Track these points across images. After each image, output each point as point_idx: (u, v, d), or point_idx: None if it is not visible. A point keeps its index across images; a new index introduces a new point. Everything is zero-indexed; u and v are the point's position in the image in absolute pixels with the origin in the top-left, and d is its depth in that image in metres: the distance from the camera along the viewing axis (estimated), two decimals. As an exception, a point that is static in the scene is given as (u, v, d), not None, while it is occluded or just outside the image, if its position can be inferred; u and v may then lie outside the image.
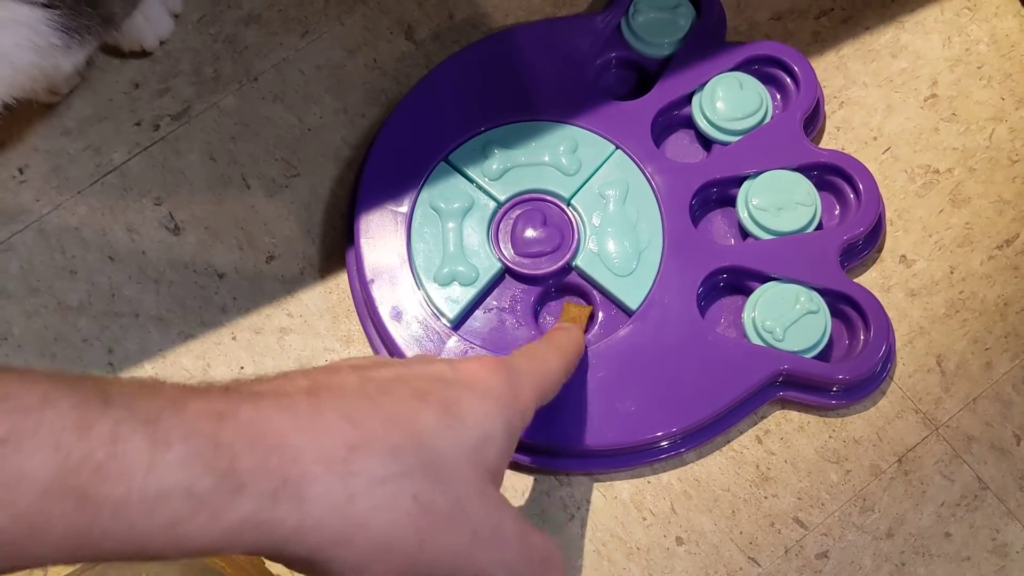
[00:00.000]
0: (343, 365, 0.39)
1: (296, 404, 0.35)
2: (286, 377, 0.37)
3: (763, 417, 0.57)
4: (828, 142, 0.62)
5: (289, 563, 0.34)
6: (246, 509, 0.32)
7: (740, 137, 0.59)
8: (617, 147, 0.59)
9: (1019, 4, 0.64)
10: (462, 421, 0.37)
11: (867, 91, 0.63)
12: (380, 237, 0.58)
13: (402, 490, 0.35)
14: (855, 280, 0.58)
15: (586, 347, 0.55)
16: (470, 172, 0.59)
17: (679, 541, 0.54)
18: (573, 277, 0.58)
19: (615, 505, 0.55)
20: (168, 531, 0.31)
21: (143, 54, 0.65)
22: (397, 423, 0.36)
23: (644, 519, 0.55)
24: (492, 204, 0.58)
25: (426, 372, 0.39)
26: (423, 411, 0.37)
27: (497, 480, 0.39)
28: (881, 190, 0.59)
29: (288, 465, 0.33)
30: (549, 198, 0.58)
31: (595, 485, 0.56)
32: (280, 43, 0.65)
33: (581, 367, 0.55)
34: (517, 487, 0.56)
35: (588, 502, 0.55)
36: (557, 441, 0.54)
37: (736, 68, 0.61)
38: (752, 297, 0.56)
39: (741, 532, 0.54)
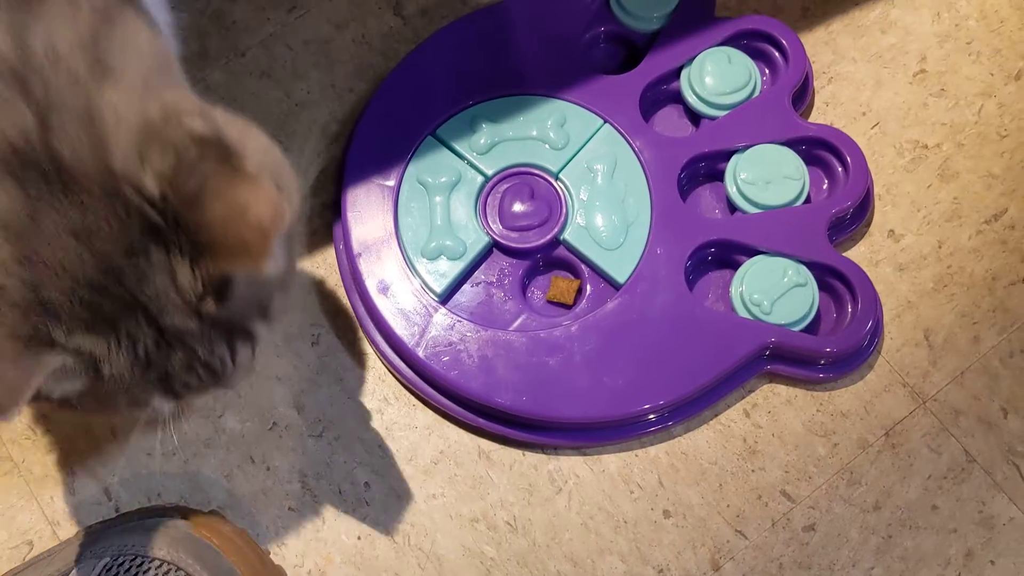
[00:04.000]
0: None
1: None
2: None
3: (751, 391, 0.56)
4: (817, 117, 0.62)
5: None
6: None
7: (728, 111, 0.59)
8: (605, 121, 0.59)
9: (1008, -20, 0.64)
10: None
11: (856, 66, 0.63)
12: (367, 211, 0.58)
13: None
14: (843, 254, 0.58)
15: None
16: (457, 146, 0.58)
17: (666, 514, 0.54)
18: (561, 251, 0.57)
19: (603, 479, 0.55)
20: None
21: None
22: None
23: (631, 492, 0.55)
24: (480, 178, 0.58)
25: None
26: None
27: None
28: (870, 165, 0.59)
29: None
30: (537, 172, 0.58)
31: (583, 459, 0.56)
32: (267, 18, 0.65)
33: (570, 341, 0.55)
34: (505, 461, 0.56)
35: (576, 476, 0.55)
36: (545, 414, 0.54)
37: (725, 43, 0.60)
38: (740, 271, 0.56)
39: (728, 505, 0.54)
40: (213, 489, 0.55)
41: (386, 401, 0.57)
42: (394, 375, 0.57)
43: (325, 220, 0.60)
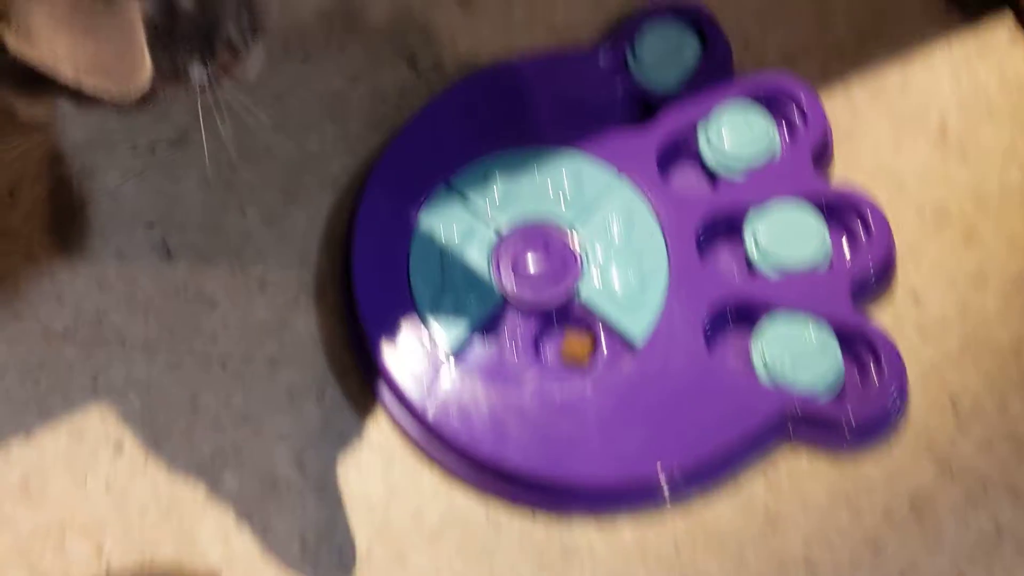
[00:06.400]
0: None
1: None
2: None
3: (771, 456, 0.54)
4: (837, 176, 0.61)
5: None
6: None
7: (746, 168, 0.58)
8: (621, 175, 0.58)
9: (1028, 44, 0.64)
10: None
11: (876, 127, 0.62)
12: (378, 263, 0.56)
13: None
14: (866, 317, 0.56)
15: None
16: (471, 198, 0.57)
17: (683, 584, 0.52)
18: (575, 308, 0.56)
19: (617, 547, 0.53)
20: None
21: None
22: None
23: (647, 563, 0.52)
24: (493, 231, 0.57)
25: None
26: None
27: None
28: (892, 227, 0.58)
29: None
30: (551, 226, 0.57)
31: (597, 526, 0.53)
32: (280, 70, 0.64)
33: (584, 401, 0.53)
34: (515, 526, 0.53)
35: (590, 544, 0.53)
36: (557, 476, 0.52)
37: (742, 99, 0.60)
38: (761, 332, 0.54)
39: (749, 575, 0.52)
40: (210, 548, 0.53)
41: (392, 461, 0.55)
42: (400, 433, 0.55)
43: (335, 269, 0.59)
